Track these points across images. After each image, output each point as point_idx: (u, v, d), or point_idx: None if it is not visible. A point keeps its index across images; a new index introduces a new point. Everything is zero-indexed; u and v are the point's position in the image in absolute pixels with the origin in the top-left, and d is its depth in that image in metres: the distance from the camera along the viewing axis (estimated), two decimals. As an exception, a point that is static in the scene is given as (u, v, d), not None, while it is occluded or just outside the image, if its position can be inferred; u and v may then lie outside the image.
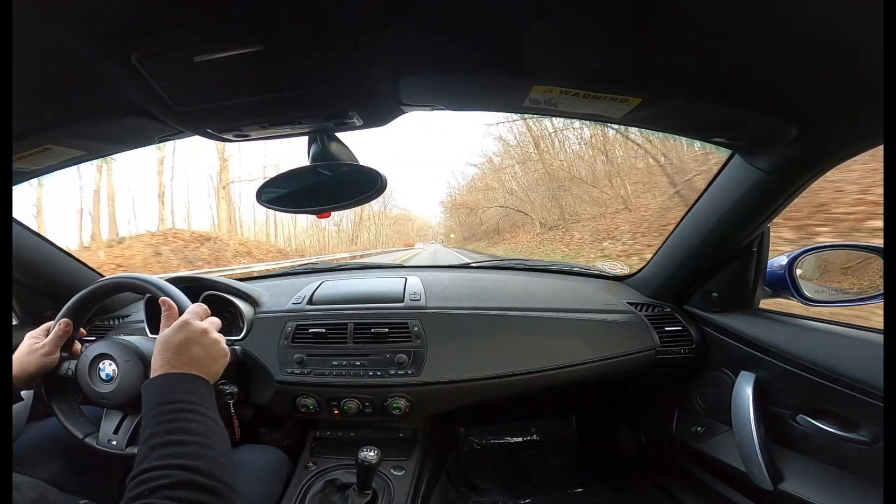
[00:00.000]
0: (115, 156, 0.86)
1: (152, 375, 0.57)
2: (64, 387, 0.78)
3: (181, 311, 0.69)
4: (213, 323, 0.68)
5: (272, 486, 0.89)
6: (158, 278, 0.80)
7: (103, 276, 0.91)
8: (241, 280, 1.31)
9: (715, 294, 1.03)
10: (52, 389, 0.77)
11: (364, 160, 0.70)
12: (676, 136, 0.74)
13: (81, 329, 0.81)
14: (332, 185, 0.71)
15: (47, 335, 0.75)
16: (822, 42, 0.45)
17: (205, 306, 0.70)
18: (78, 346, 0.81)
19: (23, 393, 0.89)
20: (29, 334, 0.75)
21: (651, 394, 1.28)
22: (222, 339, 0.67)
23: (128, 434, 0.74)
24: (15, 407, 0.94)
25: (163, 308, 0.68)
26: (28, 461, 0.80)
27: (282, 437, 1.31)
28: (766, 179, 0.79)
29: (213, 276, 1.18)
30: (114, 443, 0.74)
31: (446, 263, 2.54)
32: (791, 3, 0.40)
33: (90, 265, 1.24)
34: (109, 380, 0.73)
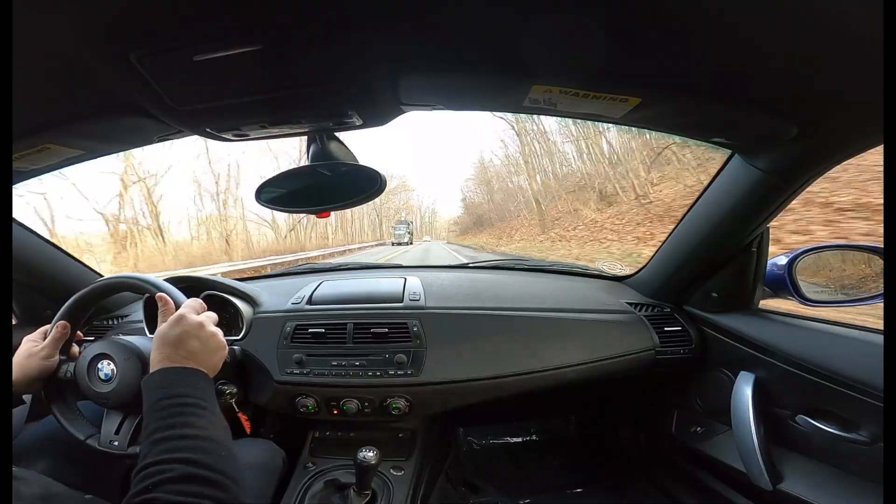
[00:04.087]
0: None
1: (151, 370, 0.57)
2: (64, 389, 0.77)
3: (177, 307, 0.68)
4: (210, 317, 0.68)
5: (268, 480, 0.89)
6: (156, 277, 0.80)
7: (102, 276, 0.90)
8: (241, 280, 1.31)
9: (714, 294, 1.03)
10: (52, 393, 0.77)
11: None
12: (676, 136, 0.74)
13: (78, 332, 0.81)
14: (332, 185, 0.71)
15: (44, 338, 0.75)
16: (822, 42, 0.45)
17: (200, 301, 0.70)
18: (76, 348, 0.80)
19: (24, 397, 0.89)
20: (26, 338, 0.75)
21: (651, 394, 1.28)
22: (219, 332, 0.66)
23: (129, 434, 0.74)
24: (14, 410, 0.94)
25: (159, 304, 0.68)
26: (31, 458, 0.80)
27: (275, 434, 1.30)
28: (766, 179, 0.79)
29: (213, 276, 1.18)
30: (115, 443, 0.73)
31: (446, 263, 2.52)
32: (791, 3, 0.40)
33: (90, 265, 1.24)
34: (108, 380, 0.73)
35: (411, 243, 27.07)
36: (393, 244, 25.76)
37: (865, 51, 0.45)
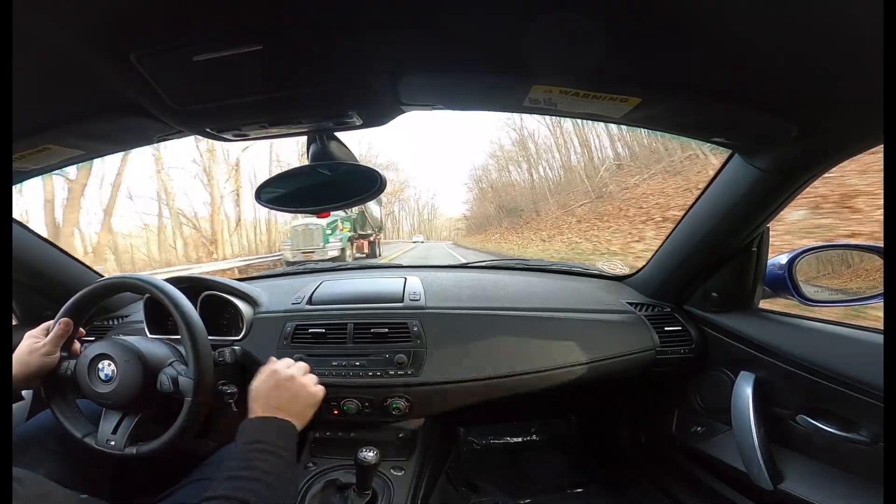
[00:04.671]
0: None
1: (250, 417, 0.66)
2: (63, 386, 0.78)
3: (181, 312, 0.72)
4: (301, 368, 0.77)
5: None
6: (158, 279, 0.80)
7: (103, 276, 0.91)
8: (241, 280, 1.31)
9: (715, 294, 1.03)
10: (51, 389, 0.77)
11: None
12: (676, 136, 0.74)
13: (81, 329, 0.81)
14: (332, 185, 0.72)
15: (47, 335, 0.75)
16: (822, 42, 0.45)
17: (289, 360, 0.78)
18: (77, 345, 0.81)
19: (23, 392, 0.89)
20: (28, 334, 0.76)
21: (651, 394, 1.28)
22: (310, 381, 0.75)
23: (126, 434, 0.74)
24: (14, 406, 0.94)
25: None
26: (28, 455, 0.80)
27: None
28: (766, 179, 0.79)
29: (213, 277, 1.18)
30: (112, 443, 0.74)
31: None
32: (791, 3, 0.40)
33: (89, 265, 1.24)
34: (109, 380, 0.73)
35: (380, 256, 12.47)
36: (288, 262, 9.77)
37: (865, 51, 0.45)
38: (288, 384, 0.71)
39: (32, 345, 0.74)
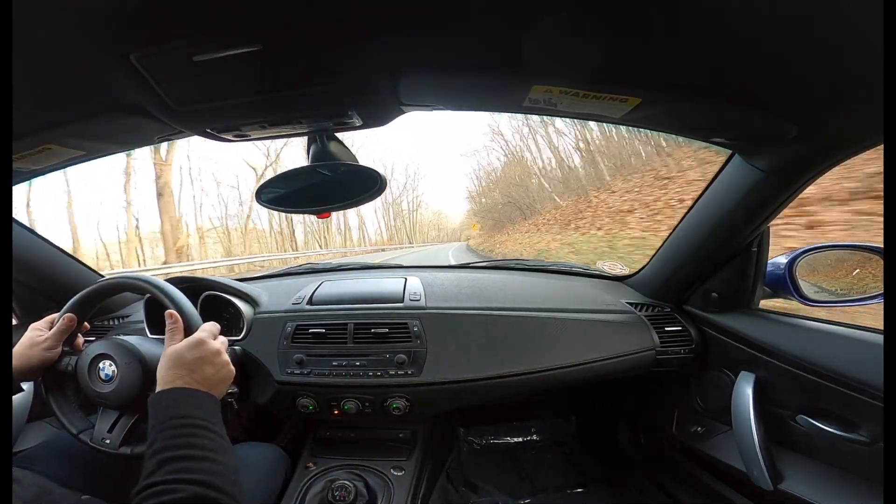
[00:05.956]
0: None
1: (161, 388, 0.58)
2: (63, 382, 0.78)
3: (188, 326, 0.70)
4: (224, 343, 0.69)
5: (271, 483, 0.89)
6: (159, 280, 0.80)
7: (103, 276, 0.91)
8: (241, 280, 1.31)
9: (715, 294, 1.03)
10: (50, 383, 0.78)
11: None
12: (676, 136, 0.74)
13: (86, 324, 0.82)
14: (332, 185, 0.72)
15: (50, 328, 0.76)
16: (821, 42, 0.45)
17: (217, 326, 0.71)
18: (80, 339, 0.81)
19: (24, 385, 0.89)
20: (32, 326, 0.76)
21: (651, 394, 1.28)
22: (230, 361, 0.68)
23: (122, 434, 0.74)
24: (16, 399, 0.94)
25: (168, 321, 0.68)
26: (34, 462, 0.81)
27: (280, 437, 1.31)
28: (766, 179, 0.79)
29: (213, 277, 1.18)
30: (107, 441, 0.74)
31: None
32: (791, 3, 0.40)
33: (90, 265, 1.24)
34: (109, 380, 0.73)
35: None
36: None
37: (865, 51, 0.45)
38: (214, 358, 0.63)
39: (35, 338, 0.74)
